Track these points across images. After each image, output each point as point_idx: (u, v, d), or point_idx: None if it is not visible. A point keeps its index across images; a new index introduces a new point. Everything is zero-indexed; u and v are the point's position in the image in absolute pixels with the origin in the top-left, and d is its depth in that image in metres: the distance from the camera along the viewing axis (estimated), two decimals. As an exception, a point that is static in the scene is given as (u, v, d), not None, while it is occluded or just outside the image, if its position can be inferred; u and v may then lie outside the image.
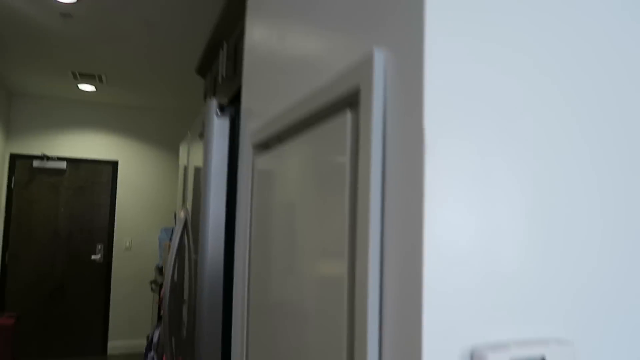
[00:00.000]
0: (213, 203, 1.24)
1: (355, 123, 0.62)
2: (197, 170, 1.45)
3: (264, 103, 1.05)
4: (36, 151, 4.61)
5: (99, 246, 4.76)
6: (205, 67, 2.66)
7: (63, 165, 4.67)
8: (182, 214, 1.75)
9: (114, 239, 4.80)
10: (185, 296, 1.52)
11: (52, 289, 4.60)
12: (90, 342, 4.66)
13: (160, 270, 3.66)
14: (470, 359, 0.54)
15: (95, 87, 4.30)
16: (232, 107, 1.29)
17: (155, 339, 2.10)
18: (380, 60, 0.58)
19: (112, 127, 4.86)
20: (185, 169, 1.84)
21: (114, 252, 4.79)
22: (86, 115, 4.79)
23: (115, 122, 4.88)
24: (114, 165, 4.84)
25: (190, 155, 1.73)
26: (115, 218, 4.80)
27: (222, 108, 1.28)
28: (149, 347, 2.08)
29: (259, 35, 1.15)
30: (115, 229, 4.80)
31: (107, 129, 4.84)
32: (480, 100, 0.52)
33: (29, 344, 4.46)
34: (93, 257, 4.73)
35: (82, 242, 4.72)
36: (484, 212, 0.51)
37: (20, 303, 4.50)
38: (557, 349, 0.59)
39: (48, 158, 4.62)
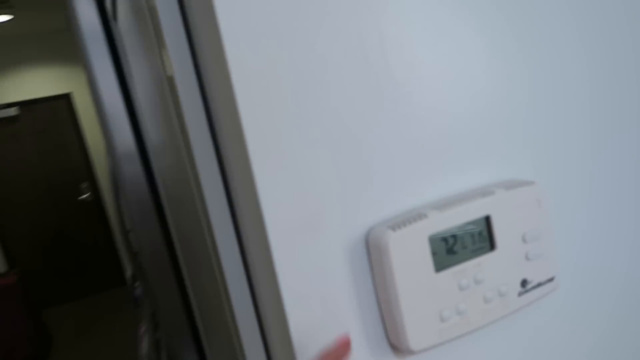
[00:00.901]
0: (101, 82, 0.96)
1: None
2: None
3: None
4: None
5: (84, 185, 4.59)
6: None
7: (15, 111, 4.34)
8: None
9: (97, 174, 4.61)
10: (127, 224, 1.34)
11: (51, 237, 4.53)
12: (107, 277, 4.70)
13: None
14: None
15: (12, 15, 3.81)
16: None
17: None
18: None
19: (51, 58, 4.42)
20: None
21: (101, 188, 4.64)
22: (17, 51, 4.34)
23: (51, 51, 4.43)
24: (67, 98, 4.49)
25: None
26: (90, 153, 4.57)
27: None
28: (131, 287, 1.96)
29: None
30: (94, 164, 4.59)
31: (47, 61, 4.42)
32: None
33: (47, 294, 4.51)
34: (80, 198, 4.59)
35: (64, 186, 4.55)
36: None
37: (24, 258, 4.47)
38: (510, 196, 0.38)
39: (-4, 108, 4.28)
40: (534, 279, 0.40)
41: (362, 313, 0.37)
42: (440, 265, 0.36)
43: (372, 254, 0.36)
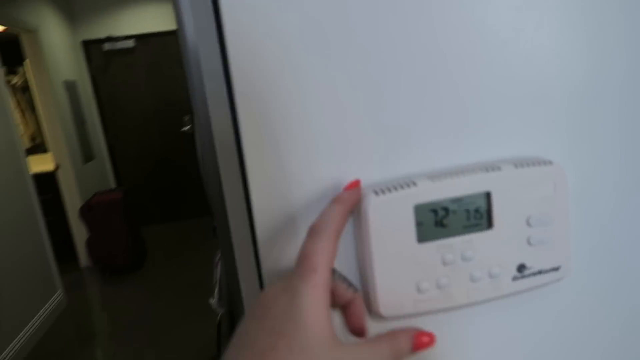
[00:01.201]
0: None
1: None
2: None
3: None
4: (104, 34, 4.62)
5: (186, 118, 4.89)
6: None
7: (132, 43, 4.67)
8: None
9: (198, 108, 4.87)
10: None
11: (155, 162, 4.93)
12: (200, 205, 5.06)
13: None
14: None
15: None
16: None
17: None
18: None
19: (167, -6, 4.65)
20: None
21: (201, 121, 4.91)
22: (139, -14, 4.61)
23: (168, -12, 4.65)
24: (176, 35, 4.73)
25: None
26: (194, 88, 4.82)
27: None
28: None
29: None
30: (196, 98, 4.84)
31: (163, -3, 4.66)
32: None
33: (146, 213, 4.97)
34: (182, 129, 4.90)
35: (169, 116, 4.88)
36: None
37: (130, 178, 4.93)
38: (518, 175, 0.35)
39: (116, 39, 4.63)
40: (533, 265, 0.37)
41: (341, 269, 0.37)
42: (424, 236, 0.35)
43: (354, 216, 0.36)
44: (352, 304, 0.35)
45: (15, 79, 5.03)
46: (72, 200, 4.21)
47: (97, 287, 3.95)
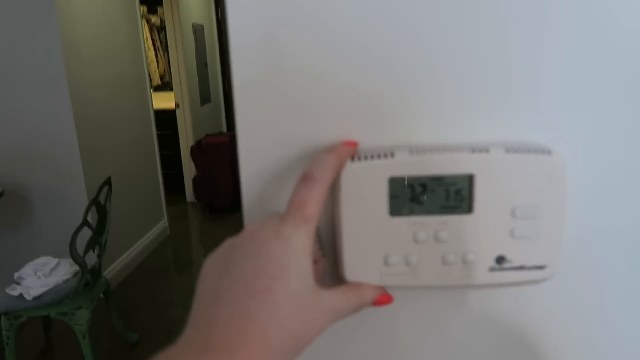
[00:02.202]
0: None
1: None
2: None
3: None
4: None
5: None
6: None
7: None
8: None
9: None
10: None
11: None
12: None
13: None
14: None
15: None
16: None
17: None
18: None
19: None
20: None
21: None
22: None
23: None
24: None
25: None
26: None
27: None
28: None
29: None
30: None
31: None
32: None
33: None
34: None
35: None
36: None
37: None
38: (508, 160, 0.33)
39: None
40: (514, 260, 0.35)
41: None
42: (397, 210, 0.34)
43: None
44: (315, 264, 0.36)
45: (154, 19, 5.46)
46: (186, 139, 4.55)
47: (198, 222, 4.31)
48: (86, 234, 2.05)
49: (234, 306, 0.28)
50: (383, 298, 0.36)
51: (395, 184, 0.34)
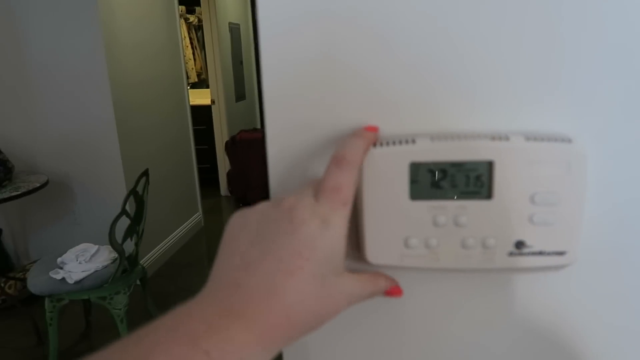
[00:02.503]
0: None
1: None
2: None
3: None
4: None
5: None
6: None
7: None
8: None
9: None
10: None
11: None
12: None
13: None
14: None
15: None
16: None
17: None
18: None
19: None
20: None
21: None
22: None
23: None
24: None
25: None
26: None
27: None
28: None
29: None
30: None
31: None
32: None
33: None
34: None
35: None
36: None
37: (274, 121, 5.25)
38: (527, 148, 0.34)
39: (279, -14, 4.84)
40: (534, 245, 0.36)
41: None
42: (418, 194, 0.36)
43: (357, 164, 0.37)
44: None
45: (192, 18, 5.58)
46: (221, 134, 4.64)
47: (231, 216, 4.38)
48: (124, 223, 2.12)
49: (263, 277, 0.29)
50: (394, 290, 0.38)
51: (416, 169, 0.35)
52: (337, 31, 0.36)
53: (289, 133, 0.39)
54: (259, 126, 5.43)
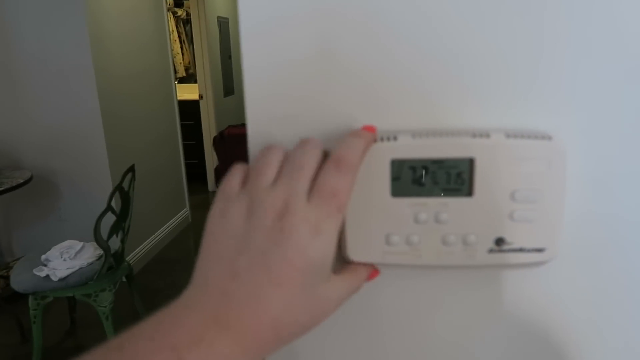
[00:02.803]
0: None
1: None
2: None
3: None
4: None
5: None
6: None
7: None
8: None
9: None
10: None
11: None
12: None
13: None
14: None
15: None
16: None
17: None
18: None
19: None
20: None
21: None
22: None
23: None
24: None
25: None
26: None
27: None
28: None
29: None
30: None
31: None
32: None
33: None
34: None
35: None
36: None
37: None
38: (508, 145, 0.34)
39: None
40: (514, 242, 0.36)
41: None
42: (399, 191, 0.36)
43: (339, 161, 0.37)
44: None
45: (180, 12, 5.53)
46: (209, 129, 4.61)
47: (219, 211, 4.36)
48: (110, 219, 2.10)
49: (250, 287, 0.28)
50: (373, 273, 0.38)
51: (397, 166, 0.35)
52: (320, 25, 0.35)
53: (270, 127, 0.38)
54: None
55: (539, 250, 0.36)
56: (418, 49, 0.35)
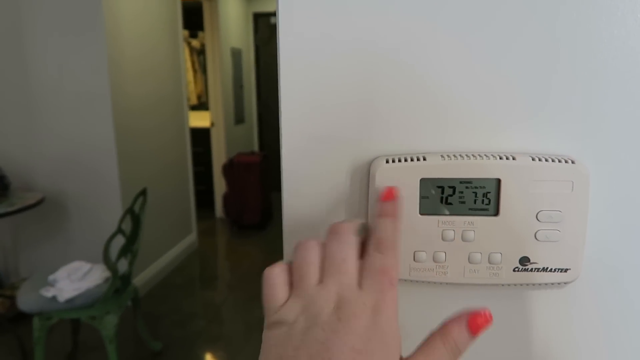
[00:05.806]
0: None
1: None
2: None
3: None
4: (273, 8, 4.97)
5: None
6: None
7: (294, 20, 4.95)
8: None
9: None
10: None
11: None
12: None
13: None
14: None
15: None
16: None
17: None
18: None
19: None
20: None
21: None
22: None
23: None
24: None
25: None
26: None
27: None
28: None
29: None
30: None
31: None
32: None
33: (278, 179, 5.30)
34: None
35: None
36: None
37: (271, 145, 5.29)
38: (533, 168, 0.36)
39: (281, 14, 4.95)
40: (538, 261, 0.37)
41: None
42: (427, 209, 0.37)
43: (370, 179, 0.39)
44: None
45: (195, 42, 5.66)
46: (219, 157, 4.66)
47: (225, 238, 4.36)
48: (119, 241, 2.11)
49: None
50: (478, 321, 0.31)
51: (426, 184, 0.37)
52: (359, 60, 0.38)
53: (304, 147, 0.40)
54: (256, 149, 5.46)
55: (563, 270, 0.37)
56: (451, 80, 0.37)
